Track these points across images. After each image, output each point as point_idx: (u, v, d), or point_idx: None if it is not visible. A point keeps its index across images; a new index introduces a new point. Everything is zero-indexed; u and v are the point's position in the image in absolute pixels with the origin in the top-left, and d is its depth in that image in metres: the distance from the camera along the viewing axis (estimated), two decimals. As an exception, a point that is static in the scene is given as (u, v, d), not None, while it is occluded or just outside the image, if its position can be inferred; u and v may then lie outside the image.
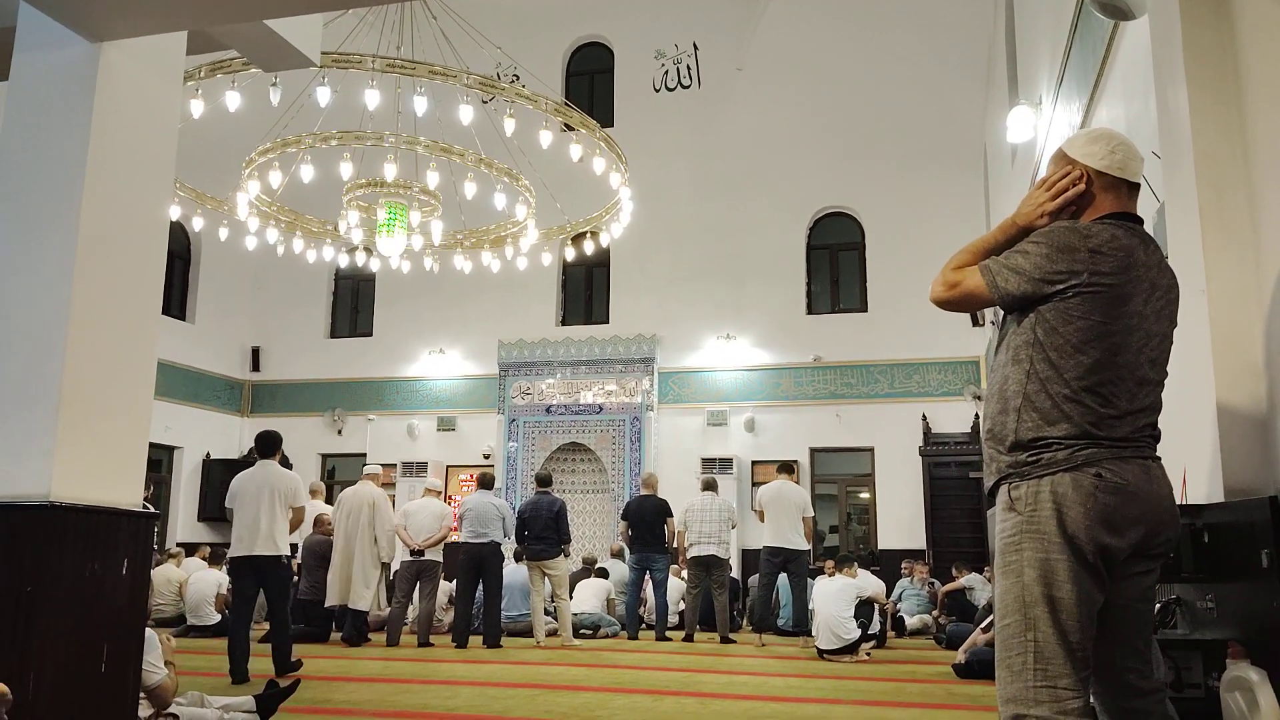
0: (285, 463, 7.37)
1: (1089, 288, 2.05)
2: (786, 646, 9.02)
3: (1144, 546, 2.05)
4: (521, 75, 12.94)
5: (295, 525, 6.58)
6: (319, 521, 9.51)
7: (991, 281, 2.15)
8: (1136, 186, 2.22)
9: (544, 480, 9.57)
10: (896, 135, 14.26)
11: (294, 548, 9.21)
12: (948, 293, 2.24)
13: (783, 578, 9.44)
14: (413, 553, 8.75)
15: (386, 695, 5.59)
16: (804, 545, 9.10)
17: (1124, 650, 2.09)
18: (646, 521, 9.75)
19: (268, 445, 6.55)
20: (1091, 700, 2.15)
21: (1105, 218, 2.16)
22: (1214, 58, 3.45)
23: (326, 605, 8.99)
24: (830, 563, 8.85)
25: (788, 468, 9.60)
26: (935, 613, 10.33)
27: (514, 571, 9.84)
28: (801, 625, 9.04)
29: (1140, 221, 2.20)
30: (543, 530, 8.94)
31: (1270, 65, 3.25)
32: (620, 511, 13.45)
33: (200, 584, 9.94)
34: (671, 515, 9.79)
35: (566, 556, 9.15)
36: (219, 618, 9.49)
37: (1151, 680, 2.10)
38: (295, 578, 9.03)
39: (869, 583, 9.27)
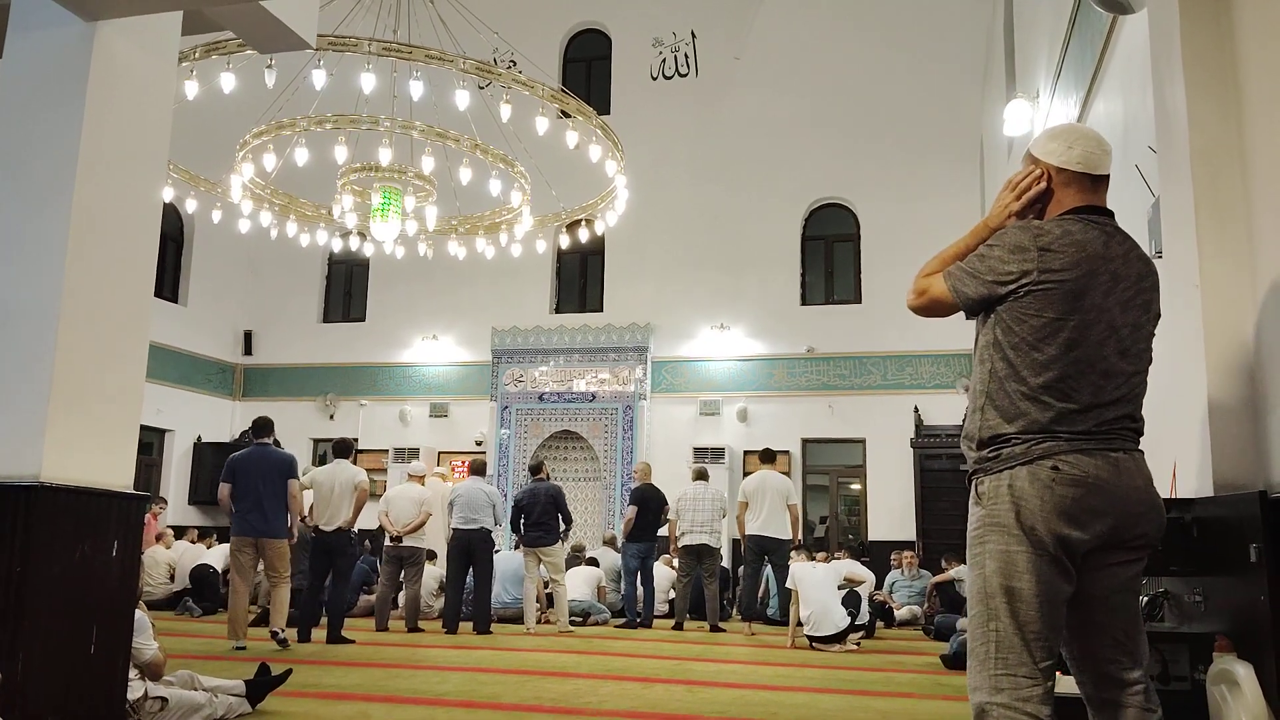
0: (276, 444, 7.47)
1: (1040, 285, 2.08)
2: (775, 636, 9.04)
3: (1115, 539, 2.05)
4: (518, 61, 12.89)
5: (360, 503, 7.88)
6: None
7: (953, 287, 2.20)
8: (1103, 178, 2.23)
9: (536, 469, 9.52)
10: (893, 127, 14.25)
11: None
12: (917, 300, 2.29)
13: (770, 568, 9.44)
14: (393, 539, 8.75)
15: (376, 679, 5.60)
16: (788, 534, 9.07)
17: (1104, 641, 2.11)
18: (651, 508, 9.76)
19: (344, 449, 8.29)
20: (1079, 690, 2.17)
21: (1067, 213, 2.18)
22: (1212, 53, 3.45)
23: None
24: (805, 552, 8.76)
25: (769, 456, 9.55)
26: (925, 606, 10.36)
27: (505, 559, 9.83)
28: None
29: (1109, 214, 2.21)
30: (541, 516, 8.91)
31: (1268, 61, 3.25)
32: (619, 498, 13.59)
33: (190, 563, 10.01)
34: (666, 504, 9.82)
35: (565, 541, 9.14)
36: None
37: (1134, 673, 2.10)
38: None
39: (850, 566, 9.23)
